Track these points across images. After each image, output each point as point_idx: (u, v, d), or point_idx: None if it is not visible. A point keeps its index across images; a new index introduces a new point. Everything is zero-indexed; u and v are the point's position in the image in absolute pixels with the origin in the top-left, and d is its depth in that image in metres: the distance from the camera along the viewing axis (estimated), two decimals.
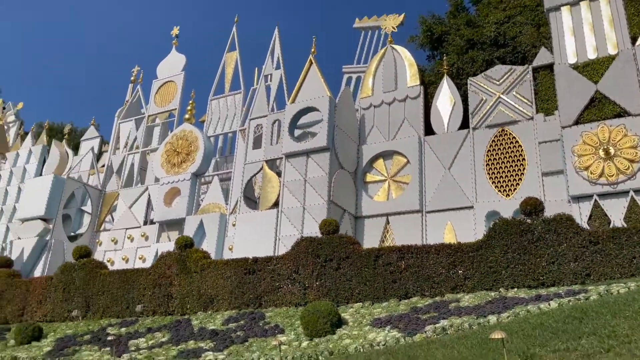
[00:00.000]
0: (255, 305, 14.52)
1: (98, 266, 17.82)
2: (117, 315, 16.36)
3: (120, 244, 25.42)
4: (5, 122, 33.64)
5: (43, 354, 13.91)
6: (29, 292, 18.55)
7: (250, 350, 11.29)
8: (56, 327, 16.45)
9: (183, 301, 15.50)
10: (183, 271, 15.76)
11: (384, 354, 8.96)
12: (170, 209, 24.06)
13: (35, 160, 30.50)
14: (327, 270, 13.87)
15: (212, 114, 27.34)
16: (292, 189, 20.35)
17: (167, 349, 12.43)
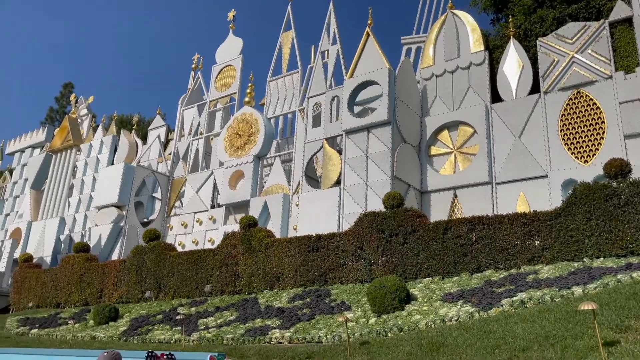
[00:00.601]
0: (320, 282, 14.30)
1: (167, 248, 18.22)
2: (187, 295, 16.67)
3: (190, 228, 26.01)
4: (79, 116, 35.11)
5: (119, 333, 14.37)
6: (105, 275, 19.29)
7: (316, 328, 11.07)
8: (131, 308, 17.01)
9: (249, 280, 15.54)
10: (248, 250, 15.77)
11: (457, 330, 8.44)
12: (235, 192, 24.30)
13: (107, 150, 31.70)
14: (392, 245, 13.37)
15: (270, 95, 27.25)
16: (354, 166, 19.91)
17: (235, 327, 12.45)
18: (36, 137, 38.48)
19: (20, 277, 22.81)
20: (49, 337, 16.04)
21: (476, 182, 19.03)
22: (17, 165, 38.18)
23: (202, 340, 12.00)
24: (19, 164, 38.02)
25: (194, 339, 12.22)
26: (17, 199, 35.15)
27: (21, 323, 18.53)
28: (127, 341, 13.52)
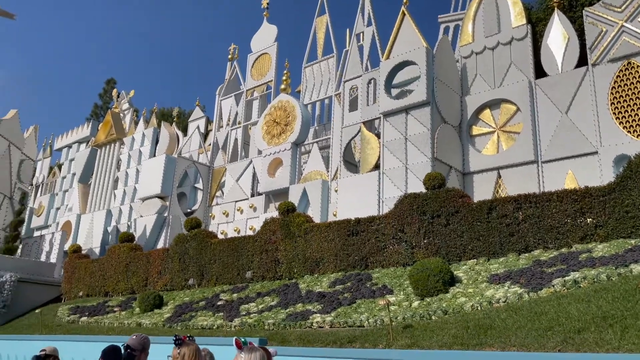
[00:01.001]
0: (361, 266, 14.06)
1: (208, 236, 18.37)
2: (229, 282, 16.76)
3: (232, 217, 26.21)
4: (121, 110, 35.85)
5: (163, 320, 14.58)
6: (149, 264, 19.64)
7: (358, 312, 10.86)
8: (175, 295, 17.25)
9: (290, 265, 15.46)
10: (287, 236, 15.68)
11: (505, 311, 8.06)
12: (274, 180, 24.29)
13: (148, 142, 32.25)
14: (435, 227, 12.97)
15: (306, 81, 27.03)
16: (393, 149, 19.50)
17: (276, 312, 12.39)
18: (82, 132, 39.61)
19: (70, 268, 23.55)
20: (97, 324, 16.46)
21: (521, 161, 18.31)
22: (65, 160, 39.43)
23: (243, 326, 11.99)
24: (67, 159, 39.24)
25: (235, 324, 12.23)
26: (67, 193, 36.30)
27: (72, 311, 19.13)
28: (171, 327, 13.68)
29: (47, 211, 36.92)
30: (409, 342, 8.47)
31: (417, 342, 8.35)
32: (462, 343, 7.80)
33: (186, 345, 4.01)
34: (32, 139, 33.47)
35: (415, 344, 8.33)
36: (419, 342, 8.33)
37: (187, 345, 4.01)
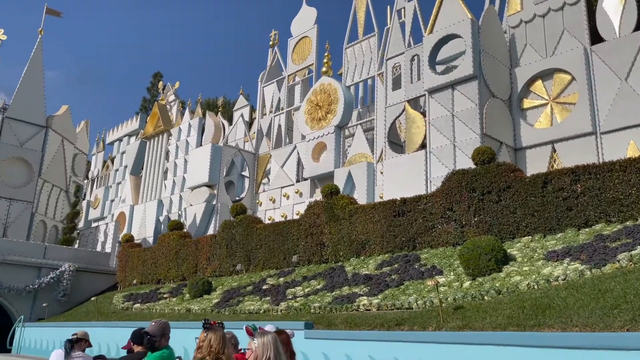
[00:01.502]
0: (408, 247, 13.60)
1: (254, 221, 18.34)
2: (275, 266, 16.68)
3: (278, 203, 26.19)
4: (167, 102, 36.40)
5: (212, 305, 14.66)
6: (198, 251, 19.85)
7: (406, 294, 10.47)
8: (223, 281, 17.35)
9: (335, 248, 15.18)
10: (332, 219, 15.39)
11: (565, 290, 7.48)
12: (319, 164, 24.03)
13: (194, 132, 32.61)
14: (485, 204, 12.33)
15: (348, 63, 26.48)
16: (439, 126, 18.81)
17: (322, 295, 12.16)
18: (131, 125, 40.55)
19: (123, 257, 24.19)
20: (149, 311, 16.78)
21: (577, 133, 17.24)
22: (117, 154, 40.54)
23: (289, 310, 11.84)
24: (119, 152, 40.32)
25: (282, 308, 12.09)
26: (119, 185, 37.30)
27: (126, 299, 19.62)
28: (219, 312, 13.71)
29: (103, 203, 38.10)
30: (461, 323, 8.03)
31: (469, 324, 7.90)
32: (518, 324, 7.30)
33: (213, 331, 4.00)
34: (84, 133, 34.53)
35: (467, 326, 7.89)
36: (471, 324, 7.87)
37: (214, 331, 4.00)
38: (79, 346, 6.37)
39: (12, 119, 27.92)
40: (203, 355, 3.88)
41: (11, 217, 27.07)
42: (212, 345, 3.88)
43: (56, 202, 30.12)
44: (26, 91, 28.70)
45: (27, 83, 28.90)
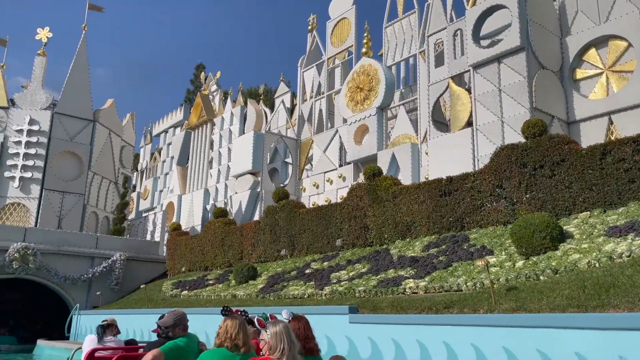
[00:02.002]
0: (456, 228, 13.04)
1: (296, 206, 18.15)
2: (319, 251, 16.46)
3: (322, 188, 25.98)
4: (210, 92, 36.70)
5: (257, 290, 14.60)
6: (243, 237, 19.88)
7: (454, 275, 10.00)
8: (268, 267, 17.29)
9: (380, 231, 14.78)
10: (375, 201, 14.97)
11: (631, 267, 6.86)
12: (361, 147, 23.61)
13: (237, 121, 32.75)
14: (537, 179, 11.61)
15: (388, 42, 25.76)
16: (486, 102, 18.01)
17: (367, 279, 11.84)
18: (176, 117, 41.21)
19: (172, 245, 24.60)
20: (196, 297, 16.93)
21: (637, 103, 16.09)
22: (163, 145, 41.33)
23: (334, 294, 11.58)
24: (165, 143, 41.08)
25: (326, 293, 11.85)
26: (167, 176, 38.02)
27: (175, 286, 19.92)
28: (264, 298, 13.63)
29: (152, 194, 38.95)
30: (515, 305, 7.54)
31: (524, 305, 7.39)
32: (579, 305, 6.76)
33: (231, 318, 4.12)
34: (130, 126, 35.26)
35: (521, 307, 7.39)
36: (526, 305, 7.37)
37: (231, 318, 4.12)
38: (109, 331, 6.87)
39: (62, 114, 28.76)
40: (221, 341, 3.99)
41: (65, 210, 28.00)
42: (229, 331, 3.99)
43: (106, 193, 30.97)
44: (73, 86, 29.48)
45: (73, 78, 29.67)
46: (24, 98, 28.85)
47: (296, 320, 4.50)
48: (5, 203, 27.16)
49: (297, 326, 4.42)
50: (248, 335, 4.13)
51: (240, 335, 4.01)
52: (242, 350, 3.99)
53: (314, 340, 4.53)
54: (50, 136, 28.29)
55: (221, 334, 4.03)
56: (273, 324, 3.60)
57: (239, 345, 3.98)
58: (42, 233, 24.15)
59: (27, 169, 27.58)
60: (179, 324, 4.91)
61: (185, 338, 4.85)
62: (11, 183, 27.39)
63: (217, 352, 3.99)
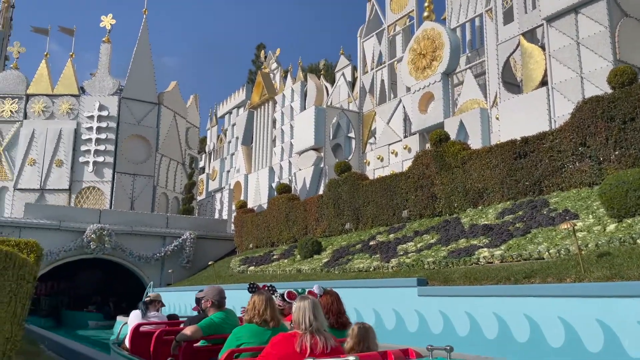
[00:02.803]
0: (533, 192, 11.96)
1: (359, 178, 17.55)
2: (385, 223, 15.82)
3: (386, 160, 25.24)
4: (270, 70, 36.55)
5: (321, 264, 14.23)
6: (306, 212, 19.58)
7: (534, 243, 9.09)
8: (333, 241, 16.89)
9: (449, 200, 13.89)
10: (443, 168, 14.07)
11: None
12: (427, 116, 22.57)
13: (298, 97, 32.41)
14: (628, 133, 10.30)
15: (451, 3, 24.29)
16: (562, 58, 16.51)
17: (436, 250, 11.11)
18: (238, 97, 41.47)
19: (238, 222, 24.80)
20: (262, 272, 16.86)
21: None
22: (228, 126, 41.80)
23: (401, 266, 10.96)
24: (229, 124, 41.53)
25: (392, 265, 11.26)
26: (233, 156, 38.46)
27: (242, 262, 20.02)
28: (329, 272, 13.24)
29: (220, 175, 39.57)
30: (608, 273, 6.63)
31: (620, 273, 6.48)
32: None
33: (258, 294, 4.21)
34: (194, 107, 35.81)
35: (616, 275, 6.48)
36: (623, 273, 6.45)
37: (258, 294, 4.20)
38: (153, 307, 7.17)
39: (128, 98, 29.55)
40: (250, 317, 4.11)
41: (136, 192, 28.93)
42: (257, 307, 4.10)
43: (175, 175, 31.72)
44: (137, 71, 30.17)
45: (137, 63, 30.36)
46: (93, 85, 29.84)
47: (327, 295, 4.55)
48: (81, 187, 28.41)
49: (328, 301, 4.50)
50: (276, 310, 4.19)
51: (267, 310, 4.10)
52: (271, 324, 4.06)
53: (345, 314, 4.58)
54: (118, 121, 29.19)
55: (250, 310, 4.14)
56: (299, 300, 3.60)
57: (267, 320, 4.07)
58: (115, 214, 25.05)
59: (99, 154, 28.64)
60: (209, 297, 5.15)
61: (222, 314, 5.03)
62: (86, 168, 28.57)
63: (247, 327, 4.10)
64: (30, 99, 29.25)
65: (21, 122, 28.90)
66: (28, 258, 5.19)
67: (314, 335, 3.44)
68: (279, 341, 3.51)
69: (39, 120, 28.90)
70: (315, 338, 3.44)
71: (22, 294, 5.06)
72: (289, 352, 3.41)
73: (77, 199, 28.17)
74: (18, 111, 29.08)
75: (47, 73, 29.69)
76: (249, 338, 4.03)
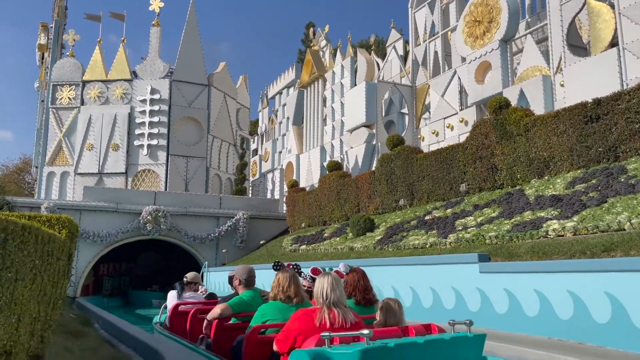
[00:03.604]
0: (608, 159, 10.84)
1: (413, 151, 16.75)
2: (441, 198, 15.01)
3: (442, 135, 24.21)
4: (319, 48, 35.87)
5: (374, 242, 13.67)
6: (358, 189, 19.00)
7: (612, 213, 8.15)
8: (386, 218, 16.26)
9: (511, 171, 12.90)
10: (504, 137, 13.07)
11: None
12: (484, 86, 21.34)
13: (347, 73, 31.64)
14: None
15: None
16: (634, 16, 15.05)
17: (499, 223, 10.29)
18: (288, 77, 41.07)
19: (290, 202, 24.56)
20: (314, 251, 16.49)
21: None
22: (279, 107, 41.58)
23: (459, 242, 10.23)
24: (280, 104, 41.28)
25: (450, 241, 10.54)
26: (285, 137, 38.27)
27: (294, 241, 19.76)
28: (382, 249, 12.66)
29: (272, 156, 39.54)
30: None
31: None
32: None
33: (282, 271, 4.30)
34: (244, 88, 35.70)
35: None
36: None
37: (282, 271, 4.30)
38: (189, 287, 7.40)
39: (178, 81, 29.75)
40: (274, 294, 4.24)
41: (190, 173, 29.23)
42: (281, 284, 4.21)
43: (227, 156, 31.84)
44: (187, 53, 30.27)
45: (186, 45, 30.45)
46: (144, 69, 30.23)
47: (353, 273, 4.62)
48: (137, 170, 28.99)
49: (354, 278, 4.56)
50: (300, 287, 4.27)
51: (291, 287, 4.19)
52: (294, 301, 4.16)
53: (372, 291, 4.61)
54: (170, 103, 29.46)
55: (274, 288, 4.25)
56: (320, 276, 3.67)
57: (291, 296, 4.18)
58: (170, 196, 25.37)
59: (153, 137, 29.07)
60: (237, 275, 5.32)
61: (251, 292, 5.17)
62: (141, 151, 29.10)
63: (271, 304, 4.24)
64: (86, 86, 30.00)
65: (78, 109, 29.74)
66: (57, 234, 4.91)
67: (332, 310, 3.49)
68: (299, 316, 3.59)
69: (95, 105, 29.61)
70: (333, 312, 3.49)
71: (52, 272, 4.80)
72: (308, 326, 3.46)
73: (133, 182, 28.79)
74: (75, 98, 29.90)
75: (101, 59, 30.30)
76: (273, 314, 4.17)
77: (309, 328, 3.45)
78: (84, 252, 22.63)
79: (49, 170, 29.66)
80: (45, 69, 32.50)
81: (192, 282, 7.47)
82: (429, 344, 3.17)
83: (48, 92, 30.24)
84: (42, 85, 33.01)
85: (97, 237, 22.53)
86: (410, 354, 3.10)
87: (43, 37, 32.06)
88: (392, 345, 2.99)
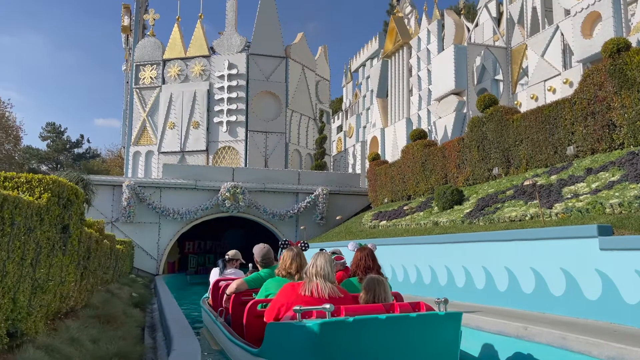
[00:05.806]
0: None
1: (507, 112, 14.51)
2: (543, 164, 12.78)
3: (542, 100, 21.49)
4: (404, 15, 33.79)
5: (462, 216, 11.85)
6: (445, 159, 17.08)
7: None
8: (478, 189, 14.28)
9: (633, 126, 10.43)
10: (624, 86, 10.60)
11: None
12: (592, 41, 18.46)
13: (434, 38, 29.32)
14: None
15: None
16: None
17: (621, 188, 8.15)
18: (371, 47, 39.23)
19: (372, 176, 23.08)
20: (394, 227, 14.96)
21: None
22: (362, 80, 39.93)
23: (569, 212, 8.22)
24: (364, 77, 39.60)
25: (557, 211, 8.55)
26: (369, 111, 36.71)
27: (374, 217, 18.30)
28: (471, 223, 10.85)
29: (357, 131, 38.13)
30: None
31: None
32: None
33: (288, 250, 4.84)
34: (323, 59, 34.34)
35: None
36: None
37: (288, 250, 4.82)
38: (231, 264, 7.83)
39: (256, 54, 28.99)
40: (279, 270, 4.82)
41: (269, 149, 28.54)
42: (285, 262, 4.75)
43: (306, 130, 30.82)
44: (263, 25, 29.40)
45: (262, 17, 29.57)
46: (222, 44, 29.77)
47: (359, 252, 5.00)
48: (217, 147, 28.76)
49: (357, 257, 4.96)
50: (302, 264, 4.63)
51: (293, 264, 4.68)
52: (295, 277, 4.58)
53: (374, 271, 4.76)
54: (248, 78, 28.82)
55: (280, 266, 4.78)
56: (314, 255, 4.12)
57: (292, 273, 4.66)
58: (247, 172, 24.79)
59: (231, 113, 28.65)
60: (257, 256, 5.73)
61: (269, 269, 5.51)
62: (220, 128, 28.81)
63: (275, 279, 4.73)
64: (167, 64, 30.13)
65: (160, 88, 29.97)
66: (29, 197, 3.82)
67: (316, 283, 3.86)
68: (285, 289, 4.02)
69: (175, 84, 29.69)
70: (317, 284, 3.85)
71: (33, 241, 3.78)
72: (291, 298, 3.84)
73: (214, 159, 28.62)
74: (157, 77, 30.15)
75: (180, 37, 30.27)
76: (275, 289, 4.43)
77: (292, 300, 3.81)
78: (165, 229, 22.66)
79: (135, 150, 30.29)
80: (129, 51, 33.15)
81: (234, 258, 7.89)
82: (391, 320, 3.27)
83: (132, 73, 30.77)
84: (127, 67, 33.79)
85: (177, 215, 22.43)
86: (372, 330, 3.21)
87: (126, 19, 32.64)
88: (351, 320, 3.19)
